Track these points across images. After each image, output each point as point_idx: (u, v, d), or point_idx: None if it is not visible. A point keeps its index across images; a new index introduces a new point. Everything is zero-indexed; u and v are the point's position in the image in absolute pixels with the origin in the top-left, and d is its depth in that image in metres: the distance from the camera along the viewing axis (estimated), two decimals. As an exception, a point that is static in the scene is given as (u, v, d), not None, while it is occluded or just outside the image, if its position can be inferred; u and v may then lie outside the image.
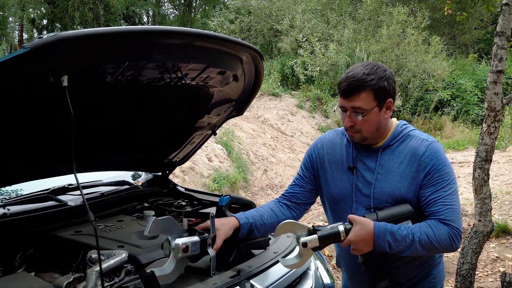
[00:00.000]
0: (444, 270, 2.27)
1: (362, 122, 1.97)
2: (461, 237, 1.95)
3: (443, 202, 1.95)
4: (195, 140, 3.02)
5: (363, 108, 1.95)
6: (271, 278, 2.06)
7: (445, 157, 2.03)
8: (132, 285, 1.81)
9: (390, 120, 2.10)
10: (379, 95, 1.95)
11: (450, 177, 1.99)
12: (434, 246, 1.91)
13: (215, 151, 9.88)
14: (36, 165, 2.44)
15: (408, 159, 2.02)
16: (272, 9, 19.81)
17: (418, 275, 2.14)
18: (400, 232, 1.89)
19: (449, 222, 1.92)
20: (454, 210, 1.95)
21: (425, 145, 2.02)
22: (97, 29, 1.68)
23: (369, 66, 1.98)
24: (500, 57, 3.57)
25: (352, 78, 1.94)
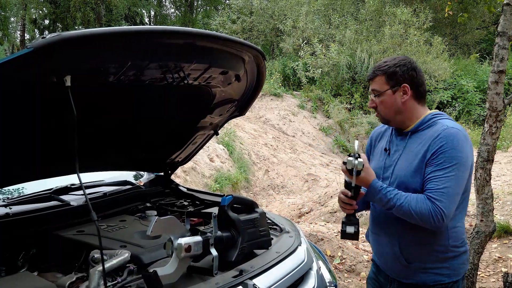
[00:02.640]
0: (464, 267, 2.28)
1: (379, 103, 2.26)
2: (443, 218, 2.03)
3: (437, 182, 2.07)
4: (197, 140, 3.02)
5: (377, 90, 2.26)
6: (273, 278, 2.06)
7: (460, 143, 2.09)
8: (135, 284, 1.81)
9: (419, 107, 2.28)
10: (391, 79, 2.23)
11: (454, 161, 2.06)
12: (412, 216, 2.07)
13: (217, 151, 9.89)
14: (38, 165, 2.44)
15: (425, 142, 2.16)
16: (275, 9, 19.80)
17: (428, 260, 2.21)
18: (389, 193, 2.12)
19: (434, 201, 2.05)
20: (444, 192, 2.05)
21: (443, 129, 2.14)
22: (100, 29, 1.68)
23: (392, 57, 2.31)
24: (502, 57, 3.56)
25: (374, 66, 2.31)
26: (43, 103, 1.98)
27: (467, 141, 2.13)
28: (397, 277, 2.32)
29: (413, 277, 2.25)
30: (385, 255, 2.34)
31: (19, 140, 2.14)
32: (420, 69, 2.30)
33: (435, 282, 2.22)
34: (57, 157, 2.34)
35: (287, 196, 9.50)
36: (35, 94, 1.90)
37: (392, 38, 16.25)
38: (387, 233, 2.30)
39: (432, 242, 2.19)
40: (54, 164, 2.46)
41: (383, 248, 2.34)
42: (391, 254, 2.28)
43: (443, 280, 2.22)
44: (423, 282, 2.23)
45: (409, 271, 2.24)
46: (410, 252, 2.22)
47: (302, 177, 10.67)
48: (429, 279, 2.22)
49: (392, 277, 2.35)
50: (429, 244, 2.19)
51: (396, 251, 2.25)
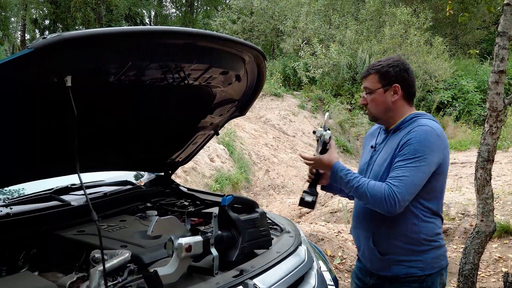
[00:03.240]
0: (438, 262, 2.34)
1: (370, 100, 2.36)
2: (397, 203, 2.12)
3: (398, 170, 2.19)
4: (197, 140, 3.03)
5: (369, 88, 2.35)
6: (273, 277, 2.06)
7: (428, 139, 2.20)
8: (135, 284, 1.81)
9: (407, 107, 2.38)
10: (383, 78, 2.32)
11: (417, 154, 2.17)
12: (368, 198, 2.20)
13: (217, 152, 9.89)
14: (39, 165, 2.45)
15: (400, 138, 2.27)
16: (275, 10, 19.79)
17: (401, 252, 2.30)
18: (349, 175, 2.27)
19: (391, 186, 2.15)
20: (402, 180, 2.15)
21: (416, 126, 2.25)
22: (101, 29, 1.68)
23: (387, 57, 2.41)
24: (502, 57, 3.56)
25: (368, 65, 2.42)
26: (44, 103, 1.98)
27: (438, 139, 2.23)
28: (375, 270, 2.42)
29: (388, 270, 2.35)
30: (363, 248, 2.45)
31: (20, 140, 2.14)
32: (412, 71, 2.39)
33: (407, 275, 2.31)
34: (57, 157, 2.35)
35: (287, 196, 9.50)
36: (36, 94, 1.90)
37: (392, 38, 16.24)
38: (363, 227, 2.42)
39: (403, 234, 2.28)
40: (54, 164, 2.47)
41: (361, 241, 2.47)
42: (367, 247, 2.40)
43: (415, 273, 2.30)
44: (395, 274, 2.32)
45: (384, 264, 2.35)
46: (382, 244, 2.33)
47: (303, 177, 10.67)
48: (401, 272, 2.31)
49: (371, 270, 2.45)
50: (400, 236, 2.28)
51: (370, 244, 2.37)
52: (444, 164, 2.28)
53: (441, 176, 2.29)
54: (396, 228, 2.28)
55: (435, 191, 2.29)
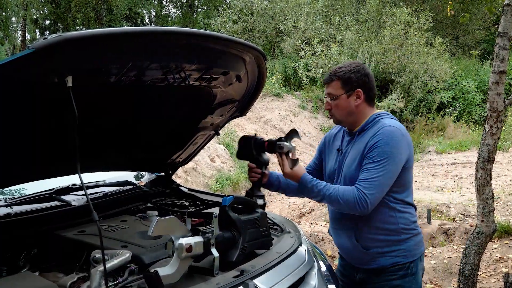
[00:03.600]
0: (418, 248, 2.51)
1: (334, 105, 2.48)
2: (368, 204, 2.28)
3: (367, 173, 2.32)
4: (198, 141, 3.03)
5: (333, 94, 2.47)
6: (274, 278, 2.06)
7: (394, 140, 2.33)
8: (136, 284, 1.81)
9: (369, 108, 2.52)
10: (346, 84, 2.44)
11: (385, 155, 2.30)
12: (340, 204, 2.34)
13: (218, 152, 9.90)
14: (39, 165, 2.45)
15: (366, 139, 2.40)
16: (275, 10, 19.79)
17: (384, 244, 2.45)
18: (319, 185, 2.41)
19: (361, 188, 2.30)
20: (371, 182, 2.29)
21: (381, 127, 2.38)
22: (102, 30, 1.68)
23: (347, 62, 2.54)
24: (502, 58, 3.57)
25: (330, 71, 2.52)
26: (44, 104, 1.98)
27: (403, 138, 2.36)
28: (361, 265, 2.56)
29: (373, 262, 2.48)
30: (346, 246, 2.58)
31: (20, 141, 2.14)
32: (372, 75, 2.53)
33: (392, 264, 2.46)
34: (58, 157, 2.35)
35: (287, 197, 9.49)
36: (37, 95, 1.90)
37: (393, 39, 16.23)
38: (343, 227, 2.55)
39: (383, 227, 2.43)
40: (55, 164, 2.47)
41: (342, 239, 2.59)
42: (350, 245, 2.52)
43: (400, 261, 2.45)
44: (382, 265, 2.47)
45: (369, 257, 2.48)
46: (365, 240, 2.46)
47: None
48: (387, 262, 2.46)
49: (357, 266, 2.59)
50: (381, 230, 2.43)
51: (353, 241, 2.49)
52: (410, 159, 2.42)
53: (409, 170, 2.44)
54: (375, 223, 2.42)
55: (405, 184, 2.44)
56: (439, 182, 9.38)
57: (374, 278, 2.52)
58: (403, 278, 2.47)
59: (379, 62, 16.27)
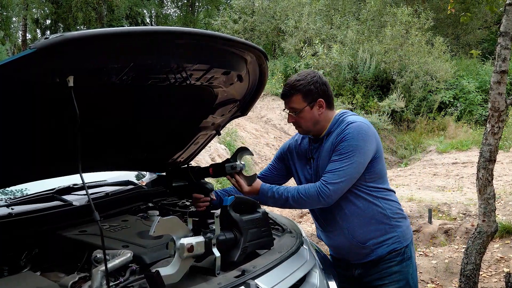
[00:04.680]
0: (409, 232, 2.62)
1: (299, 118, 2.51)
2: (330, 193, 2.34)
3: (332, 165, 2.38)
4: (199, 140, 3.02)
5: (296, 108, 2.50)
6: (275, 278, 2.06)
7: (362, 134, 2.38)
8: (137, 284, 1.81)
9: (330, 112, 2.55)
10: (307, 97, 2.46)
11: (350, 148, 2.35)
12: (303, 200, 2.39)
13: (219, 151, 9.90)
14: (41, 165, 2.45)
15: (333, 139, 2.45)
16: (276, 10, 19.78)
17: (378, 234, 2.51)
18: (279, 190, 2.45)
19: (322, 180, 2.37)
20: (334, 173, 2.35)
21: (346, 124, 2.43)
22: (103, 29, 1.68)
23: (302, 74, 2.53)
24: (504, 57, 3.56)
25: (287, 85, 2.52)
26: (46, 104, 1.98)
27: (369, 130, 2.42)
28: (358, 260, 2.60)
29: (371, 254, 2.54)
30: (341, 245, 2.61)
31: (22, 141, 2.14)
32: (327, 82, 2.57)
33: (389, 251, 2.53)
34: (59, 157, 2.34)
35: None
36: (38, 95, 1.90)
37: (393, 39, 16.23)
38: (334, 227, 2.57)
39: (373, 217, 2.49)
40: (56, 164, 2.47)
41: (336, 241, 2.62)
42: (345, 242, 2.56)
43: (396, 247, 2.53)
44: (379, 255, 2.53)
45: (367, 250, 2.53)
46: (360, 234, 2.51)
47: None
48: (384, 251, 2.52)
49: (354, 262, 2.63)
50: (371, 220, 2.49)
51: (349, 238, 2.53)
52: (379, 149, 2.48)
53: (380, 159, 2.50)
54: (364, 215, 2.48)
55: (379, 173, 2.51)
56: (440, 182, 9.37)
57: (373, 270, 2.58)
58: (400, 264, 2.55)
59: (380, 62, 16.27)
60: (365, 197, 2.48)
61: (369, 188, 2.48)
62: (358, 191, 2.48)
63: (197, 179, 2.65)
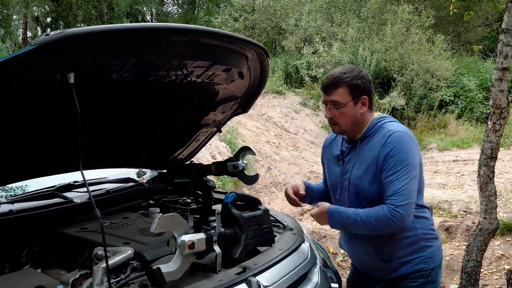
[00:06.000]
0: (438, 254, 2.42)
1: (339, 114, 2.30)
2: (404, 218, 2.14)
3: (392, 186, 2.17)
4: (200, 138, 3.02)
5: (339, 101, 2.29)
6: (276, 275, 2.06)
7: (407, 145, 2.21)
8: (138, 281, 1.81)
9: (369, 114, 2.37)
10: (354, 91, 2.28)
11: (404, 163, 2.17)
12: (373, 225, 2.18)
13: (219, 149, 9.89)
14: (42, 162, 2.44)
15: (375, 148, 2.26)
16: (277, 8, 19.75)
17: (405, 254, 2.33)
18: (347, 212, 2.24)
19: (391, 205, 2.15)
20: (400, 194, 2.15)
21: (388, 134, 2.24)
22: (104, 26, 1.68)
23: (347, 67, 2.34)
24: (506, 54, 3.55)
25: (331, 76, 2.32)
26: (47, 101, 1.98)
27: (412, 142, 2.24)
28: (381, 276, 2.43)
29: (396, 271, 2.36)
30: (364, 260, 2.47)
31: (23, 137, 2.14)
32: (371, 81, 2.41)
33: (414, 271, 2.34)
34: (60, 154, 2.34)
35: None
36: (39, 91, 1.90)
37: (394, 37, 16.20)
38: (360, 240, 2.39)
39: (402, 236, 2.30)
40: (57, 161, 2.47)
41: (360, 254, 2.48)
42: (369, 258, 2.40)
43: (422, 268, 2.34)
44: (403, 273, 2.35)
45: (392, 268, 2.36)
46: (386, 251, 2.34)
47: (304, 174, 10.67)
48: (409, 270, 2.34)
49: (377, 277, 2.46)
50: (401, 240, 2.30)
51: (373, 254, 2.36)
52: (420, 161, 2.31)
53: (421, 172, 2.31)
54: (395, 234, 2.28)
55: (419, 187, 2.30)
56: (440, 179, 9.37)
57: (394, 285, 2.41)
58: (423, 286, 2.36)
59: (380, 60, 16.24)
60: None
61: None
62: None
63: (199, 176, 2.63)
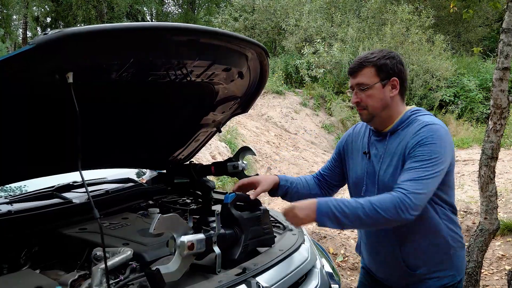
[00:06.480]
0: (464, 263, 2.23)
1: (366, 97, 2.10)
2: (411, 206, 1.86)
3: (411, 172, 1.93)
4: (200, 138, 3.01)
5: (365, 83, 2.09)
6: (276, 276, 2.05)
7: (440, 139, 1.98)
8: (138, 282, 1.80)
9: (401, 103, 2.16)
10: (381, 71, 2.07)
11: (433, 155, 1.94)
12: (375, 212, 1.87)
13: (219, 149, 9.89)
14: (42, 162, 2.44)
15: (405, 138, 2.05)
16: (277, 8, 19.76)
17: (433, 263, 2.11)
18: (342, 200, 1.95)
19: (400, 190, 1.89)
20: (418, 181, 1.90)
21: (423, 125, 2.03)
22: (103, 25, 1.67)
23: (376, 50, 2.15)
24: (506, 54, 3.54)
25: (358, 58, 2.15)
26: (47, 101, 1.97)
27: (447, 137, 2.02)
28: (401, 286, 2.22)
29: (419, 285, 2.14)
30: (386, 265, 2.25)
31: (22, 137, 2.13)
32: (405, 64, 2.19)
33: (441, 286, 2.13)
34: (59, 154, 2.34)
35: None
36: (39, 91, 1.89)
37: (394, 37, 16.20)
38: (385, 242, 2.18)
39: (433, 243, 2.09)
40: (56, 161, 2.46)
41: (382, 258, 2.25)
42: (392, 263, 2.18)
43: (449, 283, 2.13)
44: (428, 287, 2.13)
45: (415, 279, 2.14)
46: (413, 258, 2.12)
47: (304, 174, 10.68)
48: (434, 285, 2.12)
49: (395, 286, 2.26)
50: (430, 246, 2.10)
51: (398, 259, 2.14)
52: (453, 159, 2.08)
53: (453, 171, 2.10)
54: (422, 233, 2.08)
55: (450, 185, 2.11)
56: (441, 180, 9.34)
57: None
58: None
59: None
60: (431, 215, 2.06)
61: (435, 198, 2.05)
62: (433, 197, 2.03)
63: (198, 176, 2.62)
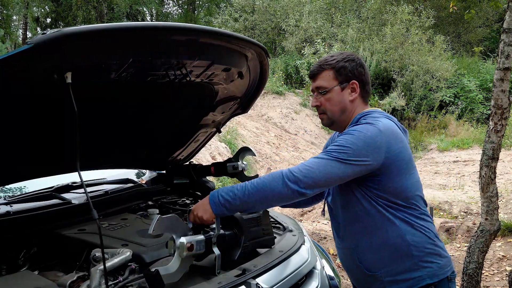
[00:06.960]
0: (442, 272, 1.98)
1: (325, 101, 2.08)
2: (300, 180, 1.82)
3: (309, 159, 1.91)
4: (199, 138, 3.00)
5: (324, 86, 2.07)
6: (276, 277, 2.04)
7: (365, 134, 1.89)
8: (137, 284, 1.79)
9: (362, 105, 2.11)
10: (340, 74, 2.05)
11: (344, 144, 1.87)
12: (264, 183, 1.86)
13: (219, 150, 9.88)
14: (41, 163, 2.43)
15: None
16: (277, 8, 19.78)
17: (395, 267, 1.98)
18: (238, 186, 1.91)
19: (290, 167, 1.88)
20: (306, 166, 1.85)
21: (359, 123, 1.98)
22: (102, 25, 1.66)
23: (337, 52, 2.15)
24: (507, 54, 3.54)
25: (318, 62, 2.14)
26: (46, 101, 1.96)
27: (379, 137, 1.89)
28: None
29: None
30: (350, 267, 2.18)
31: (20, 138, 2.12)
32: (367, 67, 2.15)
33: None
34: (58, 155, 2.33)
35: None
36: (38, 92, 1.88)
37: (394, 38, 16.21)
38: (345, 243, 2.14)
39: (388, 244, 1.97)
40: (55, 162, 2.45)
41: (347, 261, 2.18)
42: (353, 264, 2.12)
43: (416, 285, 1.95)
44: None
45: (377, 283, 2.03)
46: (368, 258, 2.04)
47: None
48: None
49: None
50: (386, 246, 1.98)
51: (355, 259, 2.08)
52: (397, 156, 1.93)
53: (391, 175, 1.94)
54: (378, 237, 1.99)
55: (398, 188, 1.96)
56: (441, 180, 9.35)
57: None
58: None
59: (380, 61, 16.26)
60: (373, 212, 1.98)
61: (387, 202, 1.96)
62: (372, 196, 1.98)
63: (198, 177, 2.60)
